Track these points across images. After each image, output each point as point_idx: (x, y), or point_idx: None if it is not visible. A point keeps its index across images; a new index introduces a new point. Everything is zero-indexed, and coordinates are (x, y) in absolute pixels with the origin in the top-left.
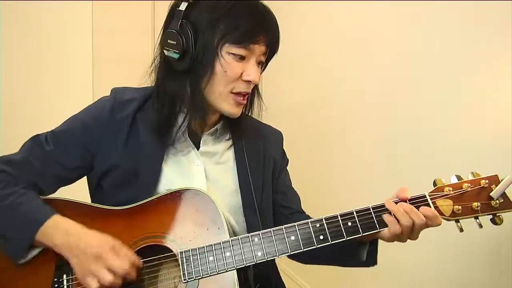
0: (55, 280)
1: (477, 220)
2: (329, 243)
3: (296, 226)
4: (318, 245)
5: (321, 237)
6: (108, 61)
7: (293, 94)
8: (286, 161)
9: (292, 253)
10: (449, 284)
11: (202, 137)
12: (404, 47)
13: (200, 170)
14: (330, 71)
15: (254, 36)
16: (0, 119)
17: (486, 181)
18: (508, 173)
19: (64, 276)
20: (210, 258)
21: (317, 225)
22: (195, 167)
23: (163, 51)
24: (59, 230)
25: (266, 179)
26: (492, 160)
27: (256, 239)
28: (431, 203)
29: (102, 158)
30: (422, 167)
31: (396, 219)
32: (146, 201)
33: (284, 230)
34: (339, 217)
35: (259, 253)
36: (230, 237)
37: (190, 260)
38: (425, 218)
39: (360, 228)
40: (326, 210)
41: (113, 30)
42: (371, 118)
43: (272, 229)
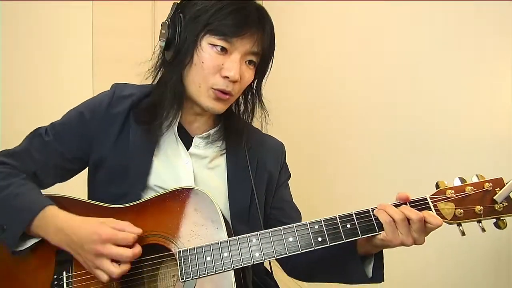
0: (55, 277)
1: (480, 224)
2: (327, 245)
3: (294, 227)
4: (316, 247)
5: (320, 239)
6: (108, 61)
7: (293, 94)
8: (288, 176)
9: (290, 254)
10: None
11: (193, 139)
12: (404, 47)
13: (188, 168)
14: (330, 71)
15: (236, 29)
16: (0, 119)
17: (490, 184)
18: (508, 173)
19: (64, 272)
20: (208, 258)
21: (316, 227)
22: (184, 165)
23: (159, 41)
24: (51, 224)
25: (258, 190)
26: (492, 159)
27: (254, 240)
28: (432, 206)
29: (96, 150)
30: (423, 167)
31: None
32: (145, 199)
33: (282, 231)
34: (338, 219)
35: (257, 254)
36: (228, 237)
37: (188, 259)
38: (422, 214)
39: (359, 231)
40: (326, 210)
41: (113, 30)
42: (370, 118)
43: (270, 230)
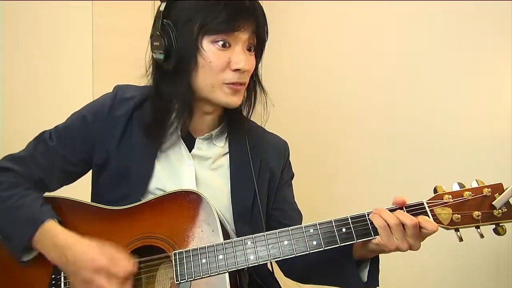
0: (53, 277)
1: (478, 230)
2: (322, 248)
3: (289, 230)
4: (311, 251)
5: (315, 242)
6: (108, 61)
7: (293, 94)
8: (291, 175)
9: (284, 257)
10: None
11: (196, 140)
12: (404, 47)
13: (190, 171)
14: (330, 71)
15: (233, 23)
16: (0, 119)
17: (489, 189)
18: (508, 173)
19: (62, 272)
20: (203, 260)
21: (311, 230)
22: (186, 167)
23: (152, 54)
24: (48, 240)
25: (260, 190)
26: (492, 159)
27: (249, 243)
28: (428, 211)
29: (98, 153)
30: (423, 167)
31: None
32: (144, 201)
33: (277, 235)
34: (333, 222)
35: (252, 257)
36: (224, 240)
37: (183, 261)
38: (416, 220)
39: (354, 235)
40: (325, 210)
41: (113, 30)
42: (370, 118)
43: (265, 233)
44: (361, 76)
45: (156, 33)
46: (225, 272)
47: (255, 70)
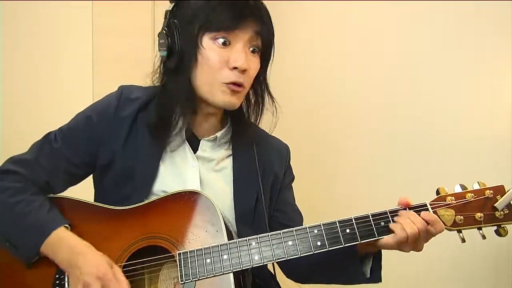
0: (57, 276)
1: (480, 231)
2: (326, 249)
3: (294, 231)
4: (316, 251)
5: (319, 243)
6: (108, 61)
7: (293, 94)
8: (291, 178)
9: (289, 258)
10: None
11: (200, 141)
12: (404, 47)
13: (195, 172)
14: (330, 71)
15: (234, 20)
16: (0, 119)
17: (491, 191)
18: (508, 173)
19: (66, 273)
20: (208, 260)
21: (315, 231)
22: (191, 169)
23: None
24: (62, 243)
25: (264, 193)
26: (492, 159)
27: (253, 243)
28: (432, 213)
29: (103, 154)
30: (423, 167)
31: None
32: (148, 201)
33: (282, 235)
34: (337, 223)
35: (256, 257)
36: (228, 240)
37: (188, 261)
38: (426, 223)
39: (358, 236)
40: (325, 210)
41: (113, 30)
42: (370, 118)
43: (269, 234)
44: (361, 76)
45: (162, 31)
46: (230, 272)
47: (263, 75)
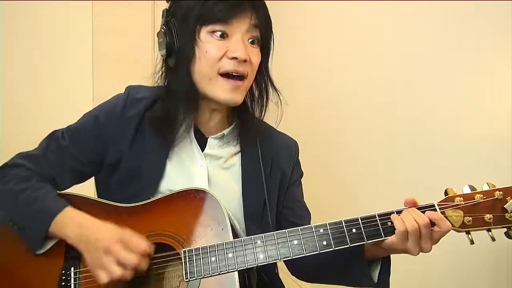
0: (63, 272)
1: (490, 233)
2: (332, 249)
3: (299, 230)
4: (321, 251)
5: (325, 242)
6: (108, 61)
7: (293, 94)
8: (300, 174)
9: (294, 257)
10: None
11: (208, 139)
12: (404, 47)
13: (203, 171)
14: (330, 71)
15: (230, 11)
16: (0, 119)
17: (501, 192)
18: (508, 173)
19: (72, 268)
20: (213, 258)
21: (321, 230)
22: (198, 168)
23: (159, 52)
24: (71, 222)
25: (271, 189)
26: (492, 159)
27: (258, 242)
28: (440, 213)
29: (111, 153)
30: (423, 167)
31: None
32: (154, 199)
33: (287, 234)
34: (343, 223)
35: (261, 256)
36: (233, 239)
37: (192, 259)
38: (428, 219)
39: (364, 236)
40: (326, 210)
41: (113, 30)
42: (370, 118)
43: (275, 233)
44: (361, 76)
45: (160, 30)
46: (234, 271)
47: (265, 68)
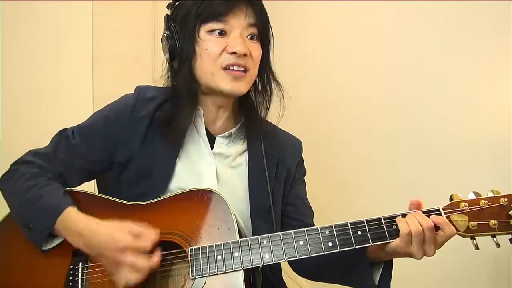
0: (71, 267)
1: (494, 239)
2: (337, 250)
3: (305, 231)
4: (327, 252)
5: (330, 244)
6: (108, 61)
7: (293, 94)
8: (303, 172)
9: (299, 257)
10: None
11: (216, 138)
12: (404, 47)
13: (211, 169)
14: (330, 71)
15: (225, 6)
16: (0, 119)
17: (506, 199)
18: (509, 173)
19: (80, 263)
20: (219, 257)
21: (327, 232)
22: (207, 166)
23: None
24: (71, 226)
25: (277, 187)
26: (492, 159)
27: (264, 242)
28: (445, 218)
29: (121, 152)
30: (423, 167)
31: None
32: (162, 198)
33: (293, 235)
34: (349, 225)
35: (267, 256)
36: (239, 238)
37: (199, 257)
38: (432, 223)
39: (370, 238)
40: (326, 210)
41: (113, 30)
42: (370, 118)
43: (281, 233)
44: (361, 76)
45: (163, 35)
46: (240, 270)
47: (266, 62)
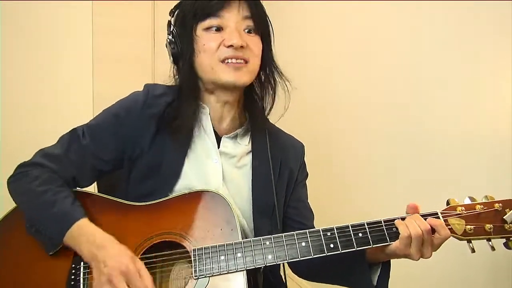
0: (73, 266)
1: (490, 243)
2: (339, 251)
3: (307, 233)
4: (328, 253)
5: (332, 245)
6: (108, 61)
7: (292, 94)
8: (305, 175)
9: (302, 259)
10: None
11: (222, 138)
12: (404, 47)
13: (217, 167)
14: (330, 71)
15: (219, 4)
16: (0, 119)
17: (500, 204)
18: (509, 173)
19: (82, 263)
20: (222, 257)
21: (328, 234)
22: (213, 164)
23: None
24: (83, 235)
25: (279, 189)
26: (492, 159)
27: (267, 243)
28: (442, 221)
29: (131, 150)
30: (424, 167)
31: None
32: (166, 199)
33: (295, 236)
34: (350, 227)
35: (270, 256)
36: (242, 239)
37: (202, 258)
38: (429, 225)
39: (370, 240)
40: (326, 210)
41: (113, 30)
42: (370, 118)
43: (283, 234)
44: (361, 76)
45: (166, 41)
46: (243, 270)
47: (266, 56)
